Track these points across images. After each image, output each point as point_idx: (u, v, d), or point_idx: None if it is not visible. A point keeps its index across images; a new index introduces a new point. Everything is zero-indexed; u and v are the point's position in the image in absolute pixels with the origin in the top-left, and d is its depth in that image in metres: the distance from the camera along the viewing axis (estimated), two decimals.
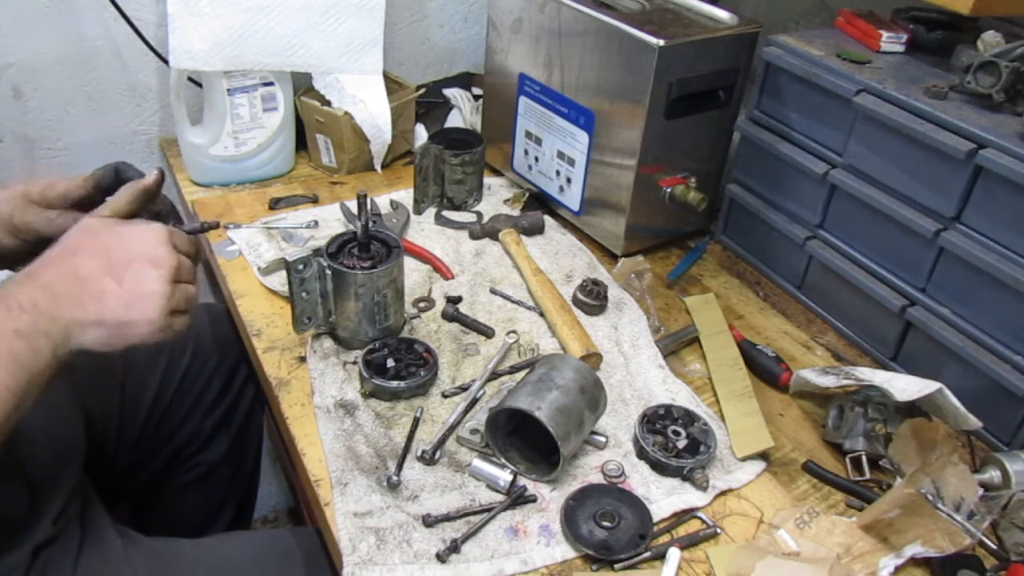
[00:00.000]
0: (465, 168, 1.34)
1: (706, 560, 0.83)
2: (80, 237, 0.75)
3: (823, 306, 1.20)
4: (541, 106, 1.31)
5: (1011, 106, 0.98)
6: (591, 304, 1.15)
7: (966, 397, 0.90)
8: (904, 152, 1.01)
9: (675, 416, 0.97)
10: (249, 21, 1.28)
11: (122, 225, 0.77)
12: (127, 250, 0.74)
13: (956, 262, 0.99)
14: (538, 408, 0.85)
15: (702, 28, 1.15)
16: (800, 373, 1.03)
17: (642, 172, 1.19)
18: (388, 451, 0.92)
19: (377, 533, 0.82)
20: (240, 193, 1.38)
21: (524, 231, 1.30)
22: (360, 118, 1.37)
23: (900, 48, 1.14)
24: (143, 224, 0.78)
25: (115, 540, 0.94)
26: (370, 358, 1.00)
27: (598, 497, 0.87)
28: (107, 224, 0.76)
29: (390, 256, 1.02)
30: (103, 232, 0.75)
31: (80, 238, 0.74)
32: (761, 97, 1.20)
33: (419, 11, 1.59)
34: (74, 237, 0.75)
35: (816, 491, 0.93)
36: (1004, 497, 0.87)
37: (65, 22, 1.31)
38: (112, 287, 0.72)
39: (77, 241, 0.74)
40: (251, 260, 1.20)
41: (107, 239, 0.74)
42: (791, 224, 1.20)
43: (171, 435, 1.21)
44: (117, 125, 1.43)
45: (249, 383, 1.29)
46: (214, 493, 1.30)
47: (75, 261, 0.72)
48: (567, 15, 1.20)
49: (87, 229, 0.75)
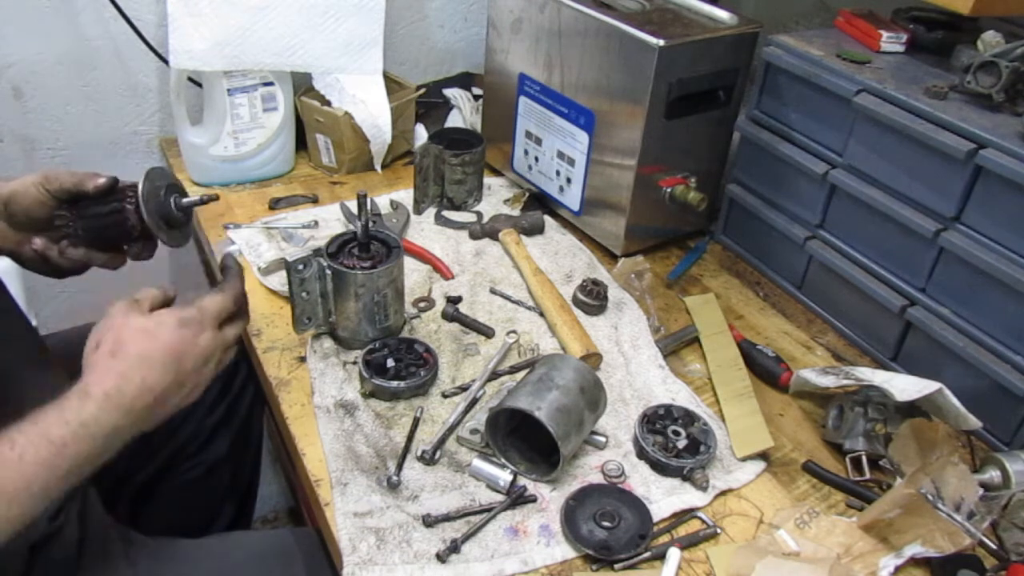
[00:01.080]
0: (465, 168, 1.34)
1: (706, 560, 0.83)
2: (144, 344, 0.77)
3: (823, 306, 1.20)
4: (541, 106, 1.31)
5: (1011, 106, 0.98)
6: (591, 304, 1.15)
7: (966, 397, 0.90)
8: (904, 152, 1.01)
9: (675, 416, 0.97)
10: (249, 21, 1.28)
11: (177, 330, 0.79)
12: (191, 360, 0.79)
13: (956, 262, 0.99)
14: (538, 408, 0.85)
15: (702, 28, 1.15)
16: (800, 373, 1.03)
17: (642, 172, 1.19)
18: (388, 451, 0.92)
19: (377, 533, 0.82)
20: (240, 193, 1.38)
21: (524, 231, 1.30)
22: (360, 118, 1.37)
23: (900, 48, 1.14)
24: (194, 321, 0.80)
25: (115, 540, 0.94)
26: (370, 358, 1.00)
27: (598, 497, 0.87)
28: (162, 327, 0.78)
29: (390, 256, 1.02)
30: (163, 336, 0.78)
31: (145, 345, 0.77)
32: (761, 97, 1.20)
33: (419, 11, 1.59)
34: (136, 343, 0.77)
35: (816, 491, 0.93)
36: (1004, 497, 0.87)
37: (65, 22, 1.31)
38: (177, 393, 0.79)
39: (143, 349, 0.76)
40: (251, 260, 1.20)
41: (171, 347, 0.77)
42: (791, 224, 1.20)
43: (171, 435, 1.21)
44: (117, 125, 1.43)
45: (249, 383, 1.29)
46: (214, 493, 1.30)
47: (151, 379, 0.76)
48: (567, 15, 1.20)
49: (146, 333, 0.77)
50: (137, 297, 0.81)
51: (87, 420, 0.71)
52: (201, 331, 0.80)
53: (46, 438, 0.69)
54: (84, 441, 0.70)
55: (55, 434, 0.69)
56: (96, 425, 0.71)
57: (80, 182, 0.87)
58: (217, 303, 0.83)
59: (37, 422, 0.70)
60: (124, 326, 0.77)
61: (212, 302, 0.83)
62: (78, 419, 0.71)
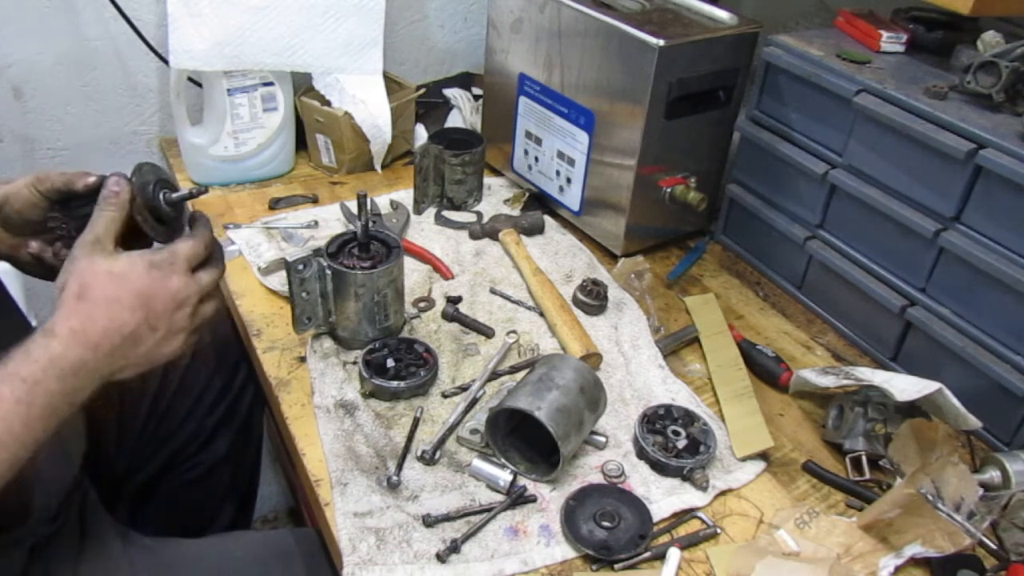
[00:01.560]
0: (465, 168, 1.34)
1: (706, 560, 0.83)
2: (112, 287, 0.75)
3: (823, 306, 1.20)
4: (541, 106, 1.31)
5: (1011, 106, 0.97)
6: (591, 304, 1.15)
7: (966, 397, 0.90)
8: (904, 152, 1.01)
9: (675, 416, 0.97)
10: (249, 21, 1.28)
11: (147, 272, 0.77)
12: (161, 301, 0.77)
13: (956, 262, 0.99)
14: (538, 408, 0.85)
15: (702, 28, 1.15)
16: (800, 373, 1.03)
17: (642, 172, 1.19)
18: (388, 451, 0.92)
19: (377, 533, 0.82)
20: (240, 193, 1.38)
21: (524, 231, 1.30)
22: (360, 118, 1.37)
23: (900, 48, 1.14)
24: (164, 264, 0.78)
25: (115, 540, 0.94)
26: (370, 358, 1.00)
27: (598, 497, 0.87)
28: (132, 270, 0.77)
29: (390, 256, 1.02)
30: (133, 280, 0.76)
31: (113, 288, 0.75)
32: (761, 97, 1.20)
33: (419, 11, 1.59)
34: (105, 286, 0.75)
35: (816, 491, 0.93)
36: (1004, 497, 0.87)
37: (65, 22, 1.31)
38: (149, 335, 0.77)
39: (112, 291, 0.75)
40: (251, 260, 1.20)
41: (141, 288, 0.76)
42: (791, 224, 1.20)
43: (171, 435, 1.21)
44: (117, 125, 1.43)
45: (249, 383, 1.29)
46: (214, 493, 1.30)
47: (118, 318, 0.74)
48: (567, 15, 1.20)
49: (116, 276, 0.76)
50: (97, 233, 0.78)
51: (54, 356, 0.70)
52: (172, 273, 0.78)
53: (17, 377, 0.68)
54: (53, 377, 0.70)
55: (25, 372, 0.69)
56: (63, 361, 0.71)
57: (70, 181, 0.86)
58: (188, 247, 0.81)
59: (6, 364, 0.69)
60: (89, 269, 0.75)
61: (183, 246, 0.81)
62: (46, 356, 0.70)
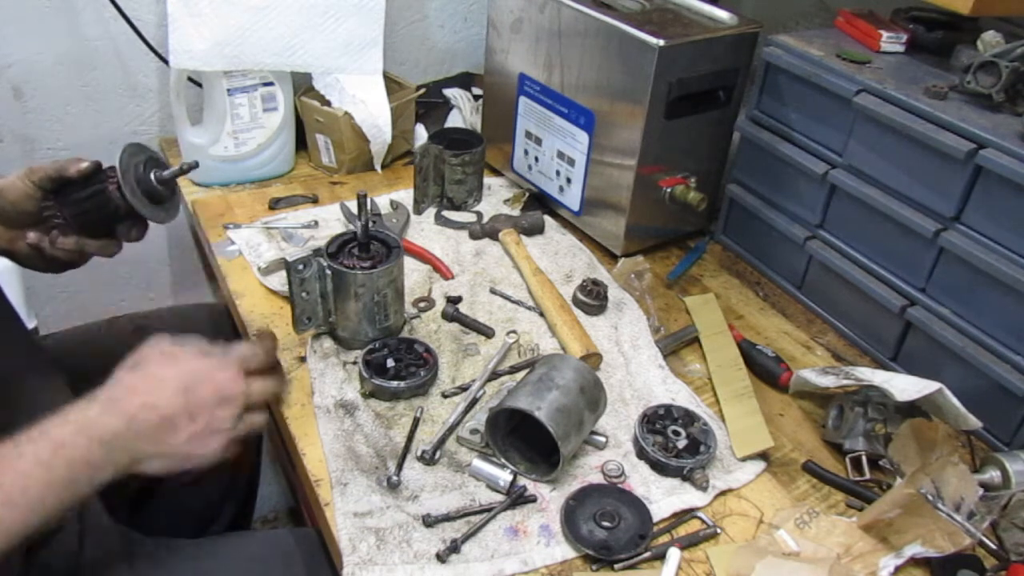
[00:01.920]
0: (465, 168, 1.34)
1: (706, 560, 0.83)
2: (162, 365, 0.76)
3: (823, 306, 1.20)
4: (541, 106, 1.31)
5: (1011, 106, 0.98)
6: (591, 304, 1.15)
7: (966, 397, 0.90)
8: (904, 152, 1.01)
9: (675, 416, 0.97)
10: (249, 21, 1.28)
11: (199, 358, 0.78)
12: (206, 390, 0.76)
13: (956, 262, 0.99)
14: (538, 408, 0.85)
15: (702, 28, 1.15)
16: (800, 373, 1.03)
17: (642, 172, 1.19)
18: (388, 451, 0.92)
19: (377, 533, 0.82)
20: (240, 193, 1.38)
21: (524, 231, 1.30)
22: (360, 118, 1.37)
23: (900, 48, 1.14)
24: (218, 356, 0.79)
25: (114, 540, 0.94)
26: (370, 358, 1.00)
27: (598, 497, 0.87)
28: (186, 353, 0.77)
29: (390, 256, 1.02)
30: (183, 363, 0.77)
31: (162, 367, 0.76)
32: (761, 97, 1.20)
33: (419, 11, 1.59)
34: (156, 363, 0.76)
35: (816, 491, 0.93)
36: (1004, 497, 0.87)
37: (65, 22, 1.31)
38: (186, 425, 0.75)
39: (160, 370, 0.75)
40: (251, 260, 1.20)
41: (187, 372, 0.76)
42: (791, 224, 1.20)
43: None
44: (117, 125, 1.43)
45: None
46: (214, 493, 1.30)
47: (159, 396, 0.74)
48: (567, 15, 1.20)
49: (169, 356, 0.77)
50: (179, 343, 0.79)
51: (87, 422, 0.71)
52: (223, 367, 0.78)
53: (46, 436, 0.69)
54: (82, 443, 0.70)
55: (55, 433, 0.69)
56: (95, 427, 0.71)
57: (62, 168, 0.86)
58: (247, 348, 0.81)
59: (42, 423, 0.70)
60: (151, 348, 0.77)
61: (241, 347, 0.81)
62: (79, 419, 0.71)
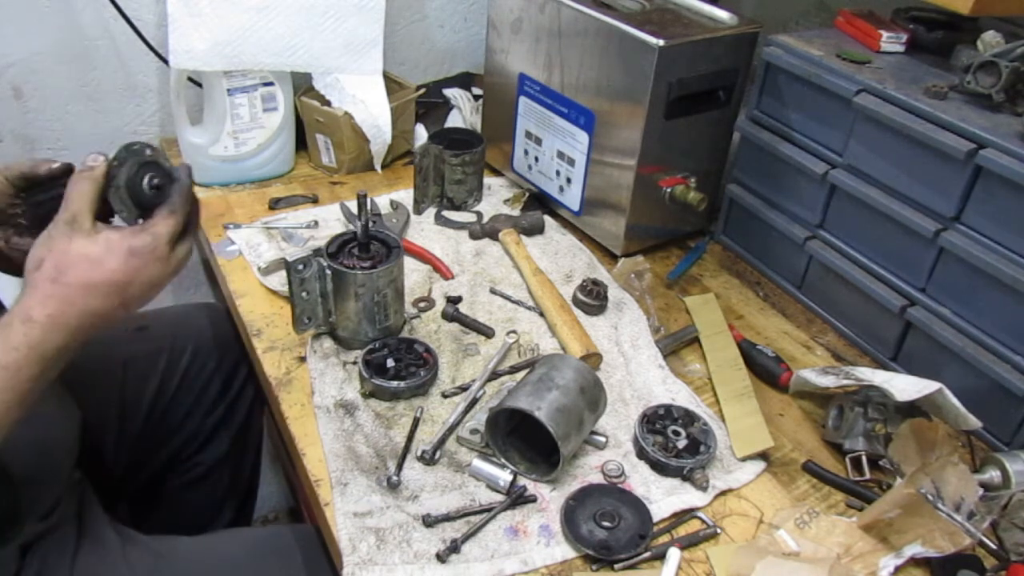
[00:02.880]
0: (465, 168, 1.34)
1: (706, 560, 0.83)
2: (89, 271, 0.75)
3: (823, 306, 1.20)
4: (541, 106, 1.31)
5: (1011, 106, 0.97)
6: (591, 304, 1.15)
7: (966, 397, 0.90)
8: (904, 152, 1.01)
9: (675, 416, 0.97)
10: (249, 21, 1.28)
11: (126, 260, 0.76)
12: (138, 287, 0.77)
13: (956, 262, 0.99)
14: (538, 408, 0.85)
15: (702, 28, 1.15)
16: (800, 373, 1.03)
17: (642, 172, 1.19)
18: (388, 451, 0.92)
19: (377, 533, 0.82)
20: (240, 193, 1.38)
21: (524, 231, 1.30)
22: (360, 118, 1.37)
23: (900, 48, 1.14)
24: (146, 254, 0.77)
25: (113, 539, 0.94)
26: (370, 358, 1.00)
27: (598, 497, 0.87)
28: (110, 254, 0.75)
29: (390, 256, 1.02)
30: (112, 267, 0.75)
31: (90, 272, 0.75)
32: (761, 97, 1.20)
33: (419, 11, 1.59)
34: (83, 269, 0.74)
35: (816, 491, 0.93)
36: (1004, 497, 0.87)
37: (65, 22, 1.31)
38: (124, 313, 0.78)
39: (90, 277, 0.74)
40: (251, 260, 1.20)
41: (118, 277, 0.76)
42: (791, 224, 1.20)
43: (171, 435, 1.21)
44: (117, 125, 1.43)
45: (249, 383, 1.29)
46: (214, 493, 1.30)
47: (94, 302, 0.75)
48: (567, 15, 1.20)
49: (94, 262, 0.75)
50: (73, 210, 0.75)
51: (34, 343, 0.72)
52: (152, 260, 0.77)
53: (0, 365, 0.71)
54: (36, 363, 0.72)
55: (8, 360, 0.71)
56: (44, 347, 0.73)
57: (34, 167, 0.85)
58: (170, 226, 0.79)
59: None
60: (67, 251, 0.74)
61: (165, 226, 0.78)
62: (27, 343, 0.72)
